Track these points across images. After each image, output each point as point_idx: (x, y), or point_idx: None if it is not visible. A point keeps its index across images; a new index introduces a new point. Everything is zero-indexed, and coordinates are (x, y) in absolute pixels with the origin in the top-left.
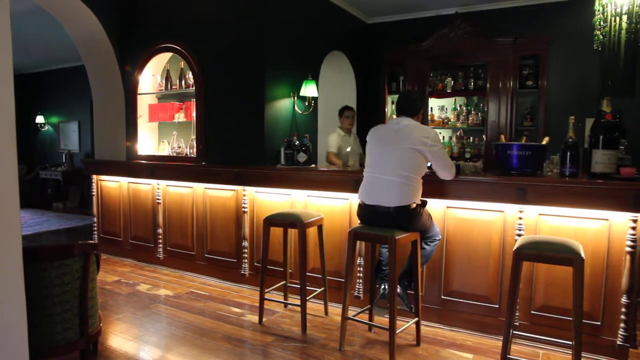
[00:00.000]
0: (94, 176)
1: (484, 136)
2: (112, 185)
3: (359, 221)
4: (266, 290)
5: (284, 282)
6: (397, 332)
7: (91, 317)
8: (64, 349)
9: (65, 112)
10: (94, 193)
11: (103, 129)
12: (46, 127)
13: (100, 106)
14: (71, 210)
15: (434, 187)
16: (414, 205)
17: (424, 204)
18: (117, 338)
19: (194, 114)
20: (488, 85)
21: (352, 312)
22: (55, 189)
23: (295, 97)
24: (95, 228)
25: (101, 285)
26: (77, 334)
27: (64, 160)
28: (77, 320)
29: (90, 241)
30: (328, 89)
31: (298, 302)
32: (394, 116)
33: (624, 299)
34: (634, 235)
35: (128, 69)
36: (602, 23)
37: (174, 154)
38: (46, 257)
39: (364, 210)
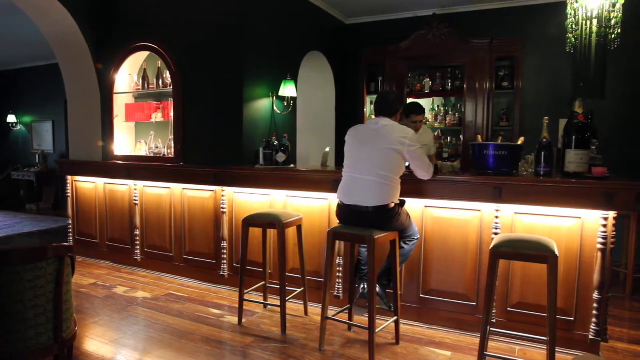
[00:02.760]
0: (69, 177)
1: (461, 136)
2: (88, 186)
3: (338, 221)
4: (245, 291)
5: (263, 282)
6: (377, 331)
7: (66, 321)
8: (37, 354)
9: (38, 112)
10: (68, 194)
11: (78, 128)
12: (18, 127)
13: (75, 105)
14: (45, 212)
15: (412, 186)
16: (392, 205)
17: (402, 203)
18: (94, 342)
19: (171, 114)
20: (465, 86)
21: (331, 311)
22: (28, 190)
23: (274, 97)
24: (71, 230)
25: (77, 289)
26: (51, 339)
27: (37, 161)
28: (51, 325)
29: (65, 243)
30: (307, 89)
31: (278, 302)
32: (373, 116)
33: (595, 295)
34: (604, 233)
35: (100, 66)
36: (574, 26)
37: (152, 155)
38: (19, 260)
39: (343, 210)
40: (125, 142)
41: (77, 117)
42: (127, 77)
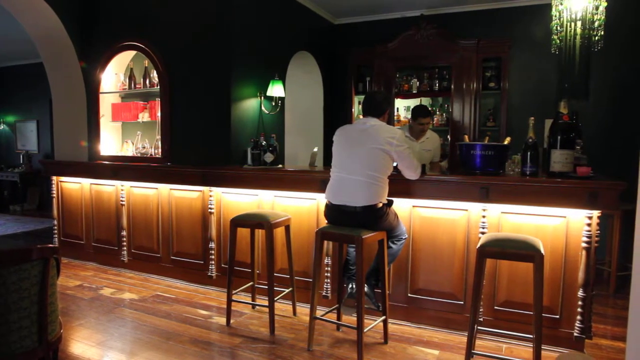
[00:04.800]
0: (54, 177)
1: (448, 136)
2: (74, 186)
3: (326, 221)
4: (234, 291)
5: (251, 283)
6: (365, 330)
7: (51, 324)
8: (21, 357)
9: (22, 111)
10: (54, 195)
11: (63, 128)
12: (2, 127)
13: (60, 105)
14: (29, 213)
15: (400, 186)
16: (380, 205)
17: (390, 203)
18: (79, 344)
19: (158, 114)
20: (452, 87)
21: (320, 311)
22: (12, 191)
23: (262, 97)
24: (56, 231)
25: (62, 290)
26: (35, 342)
27: (21, 161)
28: (36, 328)
29: (50, 245)
30: (295, 89)
31: (266, 302)
32: (361, 116)
33: (580, 293)
34: (589, 231)
35: (84, 65)
36: (558, 28)
37: (138, 155)
38: (2, 262)
39: (331, 210)
40: (112, 142)
41: (63, 117)
42: (113, 76)
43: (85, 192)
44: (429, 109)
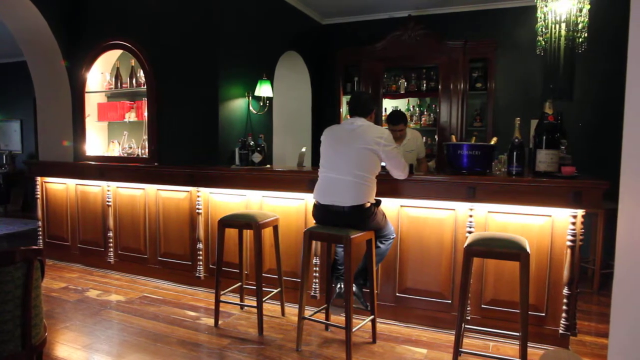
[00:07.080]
0: (38, 178)
1: (436, 136)
2: (59, 187)
3: (314, 221)
4: (222, 292)
5: (239, 283)
6: (354, 330)
7: (35, 327)
8: None
9: (5, 111)
10: (38, 196)
11: (48, 128)
12: None
13: (45, 105)
14: (13, 214)
15: (388, 186)
16: (368, 205)
17: (378, 203)
18: (65, 347)
19: (145, 114)
20: (440, 87)
21: (308, 311)
22: None
23: (250, 97)
24: (40, 233)
25: (47, 293)
26: (18, 346)
27: (4, 162)
28: (19, 331)
29: (34, 246)
30: (283, 89)
31: (254, 303)
32: (348, 116)
33: (565, 291)
34: (573, 230)
35: (66, 64)
36: (543, 30)
37: (125, 155)
38: None
39: (319, 210)
40: (98, 142)
41: (47, 117)
42: (99, 75)
43: (70, 193)
44: (400, 114)
